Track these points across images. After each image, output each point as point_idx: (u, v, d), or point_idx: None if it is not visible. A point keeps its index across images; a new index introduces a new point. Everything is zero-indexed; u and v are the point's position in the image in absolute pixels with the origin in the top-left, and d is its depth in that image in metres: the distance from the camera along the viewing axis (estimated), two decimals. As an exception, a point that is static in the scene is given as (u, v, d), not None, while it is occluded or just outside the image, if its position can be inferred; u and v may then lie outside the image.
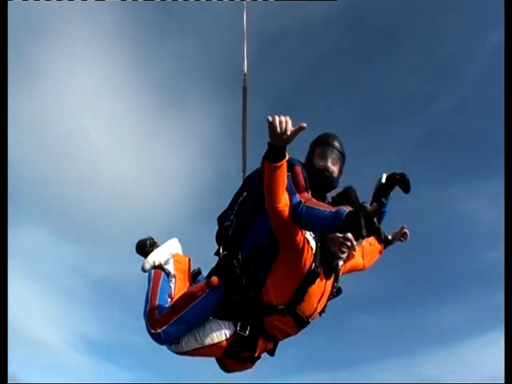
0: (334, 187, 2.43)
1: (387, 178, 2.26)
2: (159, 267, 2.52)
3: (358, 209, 1.77)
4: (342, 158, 2.48)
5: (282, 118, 1.74)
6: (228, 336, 2.15)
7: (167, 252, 2.61)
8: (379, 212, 1.80)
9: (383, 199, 2.24)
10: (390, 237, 2.79)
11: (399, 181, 2.20)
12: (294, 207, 2.02)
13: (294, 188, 2.16)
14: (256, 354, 2.23)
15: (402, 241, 2.82)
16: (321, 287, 2.18)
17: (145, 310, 2.24)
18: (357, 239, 2.18)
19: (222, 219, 2.54)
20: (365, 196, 2.39)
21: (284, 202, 1.96)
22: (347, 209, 1.85)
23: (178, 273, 2.47)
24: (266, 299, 2.12)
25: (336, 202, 2.19)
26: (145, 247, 2.64)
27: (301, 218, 2.00)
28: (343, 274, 2.48)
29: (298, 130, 1.77)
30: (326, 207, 2.02)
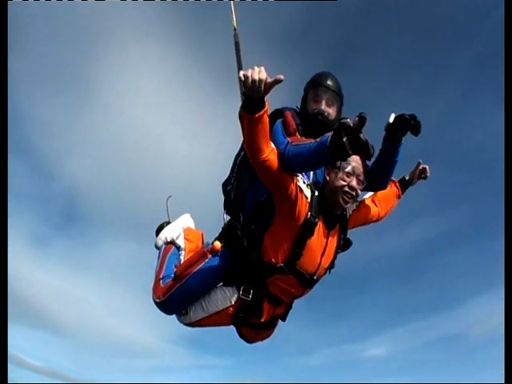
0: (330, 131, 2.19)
1: (395, 118, 2.03)
2: (171, 243, 2.50)
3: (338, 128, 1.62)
4: (339, 97, 2.26)
5: (256, 72, 1.59)
6: (233, 302, 2.05)
7: (179, 227, 2.59)
8: (363, 125, 1.59)
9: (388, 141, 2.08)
10: (406, 177, 2.46)
11: (408, 122, 1.98)
12: (282, 152, 1.85)
13: (284, 134, 2.00)
14: (263, 319, 2.08)
15: (423, 178, 2.46)
16: (322, 240, 1.97)
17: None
18: (361, 183, 1.97)
19: (225, 185, 2.43)
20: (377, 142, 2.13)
21: (268, 151, 1.79)
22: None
23: (188, 246, 2.43)
24: (266, 259, 1.97)
25: None
26: (161, 229, 2.64)
27: (288, 159, 1.83)
28: (356, 226, 2.25)
29: (275, 83, 1.62)
30: (312, 141, 1.82)
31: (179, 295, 2.09)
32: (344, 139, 1.60)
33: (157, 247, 2.54)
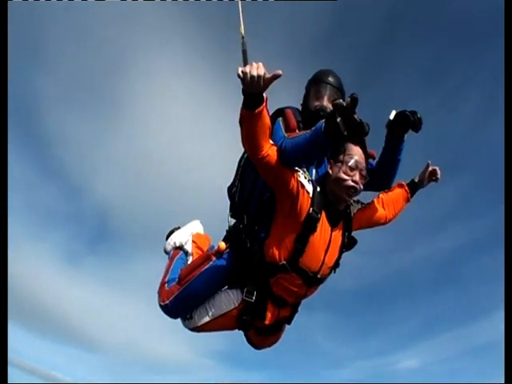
0: None
1: (396, 115, 2.02)
2: (180, 248, 2.52)
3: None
4: (341, 93, 2.23)
5: (254, 68, 1.60)
6: (237, 304, 2.01)
7: (187, 233, 2.60)
8: (355, 106, 1.58)
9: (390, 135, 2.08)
10: (416, 179, 2.37)
11: (409, 118, 1.97)
12: (280, 147, 1.84)
13: (284, 131, 2.01)
14: (268, 322, 2.02)
15: (434, 181, 2.37)
16: (325, 236, 1.92)
17: None
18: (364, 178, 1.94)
19: (230, 188, 2.43)
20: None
21: (267, 147, 1.79)
22: None
23: (195, 251, 2.43)
24: (269, 259, 1.93)
25: None
26: (172, 234, 2.66)
27: (286, 152, 1.81)
28: (362, 227, 2.19)
29: (274, 78, 1.62)
30: (308, 131, 1.81)
31: (183, 298, 2.08)
32: (338, 119, 1.61)
33: (166, 252, 2.55)
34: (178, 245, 2.52)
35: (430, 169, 2.35)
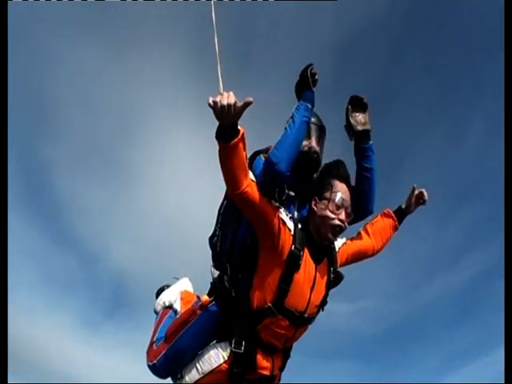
0: (319, 167, 2.19)
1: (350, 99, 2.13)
2: (169, 307, 2.46)
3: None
4: (323, 131, 2.25)
5: (224, 97, 1.56)
6: (226, 358, 1.90)
7: (176, 291, 2.56)
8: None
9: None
10: (403, 205, 2.36)
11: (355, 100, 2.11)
12: (267, 160, 1.87)
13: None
14: (258, 371, 1.91)
15: (422, 204, 2.35)
16: (310, 274, 1.87)
17: None
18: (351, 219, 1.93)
19: (211, 238, 2.40)
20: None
21: (247, 182, 1.74)
22: None
23: (184, 309, 2.38)
24: (255, 306, 1.87)
25: (323, 177, 2.04)
26: (161, 291, 2.64)
27: (276, 155, 1.84)
28: (349, 261, 2.15)
29: (245, 106, 1.59)
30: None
31: (171, 357, 1.99)
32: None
33: (155, 312, 2.48)
34: (167, 304, 2.46)
35: (417, 192, 2.34)
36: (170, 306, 2.45)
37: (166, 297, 2.52)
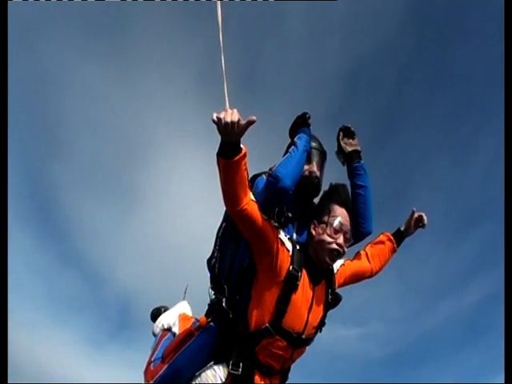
0: (319, 192, 2.25)
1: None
2: (168, 330, 2.46)
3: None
4: (324, 156, 2.31)
5: (228, 114, 1.55)
6: (224, 379, 1.88)
7: (175, 314, 2.57)
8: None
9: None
10: (402, 228, 2.39)
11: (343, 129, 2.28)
12: (269, 179, 1.94)
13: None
14: None
15: (421, 227, 2.39)
16: (308, 295, 1.88)
17: None
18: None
19: (209, 261, 2.41)
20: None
21: (246, 200, 1.74)
22: None
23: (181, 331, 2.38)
24: (252, 326, 1.87)
25: (324, 201, 2.08)
26: (159, 314, 2.68)
27: (279, 173, 1.90)
28: (347, 283, 2.16)
29: (248, 124, 1.61)
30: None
31: (168, 377, 1.97)
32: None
33: (154, 334, 2.50)
34: (166, 327, 2.48)
35: (416, 215, 2.37)
36: (169, 329, 2.47)
37: (165, 319, 2.54)
